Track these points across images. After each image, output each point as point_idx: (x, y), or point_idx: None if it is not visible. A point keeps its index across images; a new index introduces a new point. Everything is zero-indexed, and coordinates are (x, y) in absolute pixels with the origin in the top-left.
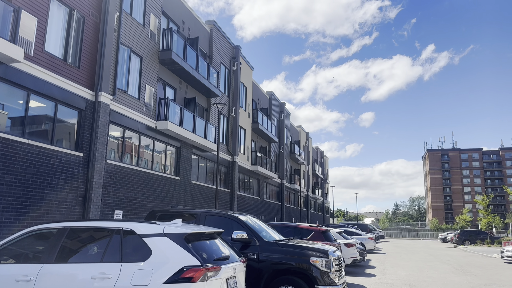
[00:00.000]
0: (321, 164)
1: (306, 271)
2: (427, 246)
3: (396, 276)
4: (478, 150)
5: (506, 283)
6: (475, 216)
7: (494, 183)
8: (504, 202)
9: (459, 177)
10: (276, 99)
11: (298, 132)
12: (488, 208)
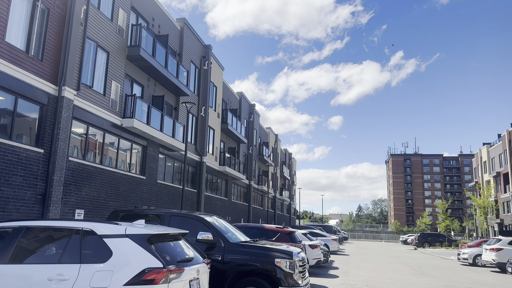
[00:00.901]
0: (289, 166)
1: (271, 273)
2: (388, 248)
3: (358, 277)
4: (439, 156)
5: (462, 284)
6: (435, 219)
7: (453, 188)
8: (462, 206)
9: (421, 181)
10: (246, 100)
11: (267, 134)
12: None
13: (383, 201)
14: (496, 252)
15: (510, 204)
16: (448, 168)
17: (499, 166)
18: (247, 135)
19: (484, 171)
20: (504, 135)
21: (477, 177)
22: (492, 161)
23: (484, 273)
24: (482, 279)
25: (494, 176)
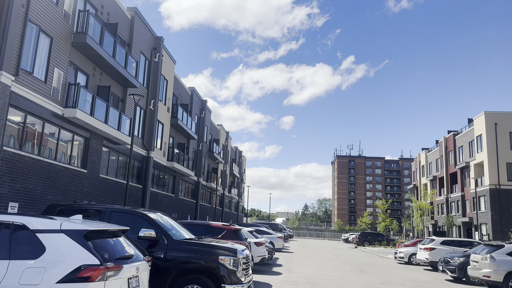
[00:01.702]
0: (239, 163)
1: (214, 270)
2: (331, 246)
3: (301, 274)
4: (381, 159)
5: (397, 282)
6: (375, 219)
7: (393, 190)
8: (401, 207)
9: (363, 182)
10: (198, 95)
11: (218, 131)
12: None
13: (328, 200)
14: (430, 251)
15: (444, 207)
16: (389, 171)
17: (435, 170)
18: (197, 131)
19: (422, 175)
20: (441, 141)
21: (415, 180)
22: (429, 165)
23: (418, 271)
24: (415, 276)
25: (431, 180)
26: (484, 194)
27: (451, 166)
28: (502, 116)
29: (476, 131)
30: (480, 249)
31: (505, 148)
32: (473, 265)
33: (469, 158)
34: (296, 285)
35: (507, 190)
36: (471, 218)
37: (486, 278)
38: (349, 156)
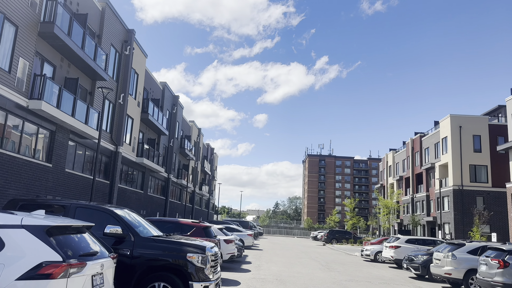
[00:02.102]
0: (211, 161)
1: (182, 267)
2: (300, 243)
3: (269, 271)
4: (350, 158)
5: (362, 279)
6: (343, 217)
7: (361, 189)
8: (368, 206)
9: (333, 181)
10: (170, 90)
11: (190, 127)
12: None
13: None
14: (395, 249)
15: (409, 206)
16: (358, 170)
17: (402, 170)
18: (168, 127)
19: (389, 175)
20: (408, 142)
21: (382, 180)
22: (396, 165)
23: (383, 268)
24: (381, 274)
25: (397, 180)
26: (448, 194)
27: (417, 167)
28: (467, 120)
29: (441, 133)
30: (442, 247)
31: (469, 150)
32: (435, 263)
33: (434, 159)
34: (265, 282)
35: (469, 191)
36: (435, 218)
37: (448, 275)
38: (320, 155)
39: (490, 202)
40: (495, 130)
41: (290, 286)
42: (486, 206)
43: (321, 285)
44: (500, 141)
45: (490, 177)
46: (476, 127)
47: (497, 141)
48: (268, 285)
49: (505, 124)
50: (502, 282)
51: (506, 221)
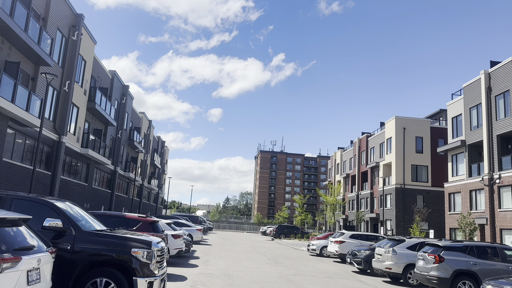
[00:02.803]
0: (161, 154)
1: (126, 263)
2: (249, 238)
3: (217, 266)
4: (301, 156)
5: (308, 273)
6: (292, 213)
7: (310, 186)
8: (316, 202)
9: (283, 177)
10: (119, 80)
11: (140, 119)
12: (303, 206)
13: (249, 194)
14: (339, 244)
15: (354, 203)
16: (308, 167)
17: (349, 168)
18: (117, 117)
19: (337, 172)
20: (355, 142)
21: (330, 177)
22: (344, 164)
23: (328, 263)
24: (325, 268)
25: (344, 177)
26: (391, 192)
27: (363, 165)
28: (410, 122)
29: (386, 134)
30: (384, 243)
31: (411, 151)
32: (377, 257)
33: (379, 158)
34: (212, 277)
35: (410, 190)
36: (378, 214)
37: (388, 270)
38: (272, 151)
39: (429, 200)
40: (436, 132)
41: (237, 280)
42: (425, 204)
43: (268, 279)
44: (440, 143)
45: (430, 177)
46: (418, 129)
47: (437, 143)
48: (215, 280)
49: (445, 127)
50: (437, 276)
51: (443, 219)
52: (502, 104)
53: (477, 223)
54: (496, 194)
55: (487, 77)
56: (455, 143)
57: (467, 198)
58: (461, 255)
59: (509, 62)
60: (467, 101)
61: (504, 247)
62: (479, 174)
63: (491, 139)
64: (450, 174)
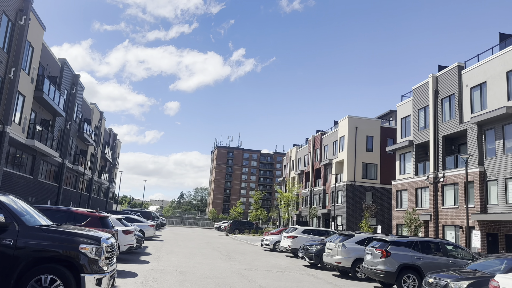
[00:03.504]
0: (113, 147)
1: (73, 259)
2: (203, 234)
3: (170, 262)
4: (257, 152)
5: (261, 267)
6: (247, 208)
7: (266, 182)
8: (271, 198)
9: (239, 173)
10: (69, 68)
11: (91, 110)
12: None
13: (205, 189)
14: (292, 239)
15: (308, 199)
16: (263, 163)
17: (303, 165)
18: (66, 108)
19: (292, 169)
20: (310, 139)
21: (285, 173)
22: (299, 160)
23: (280, 257)
24: (278, 262)
25: (299, 174)
26: (342, 189)
27: (317, 162)
28: (362, 121)
29: (340, 133)
30: (334, 238)
31: (362, 149)
32: (328, 252)
33: (332, 156)
34: (164, 273)
35: (361, 187)
36: (329, 210)
37: (338, 264)
38: (228, 147)
39: (378, 197)
40: (386, 132)
41: (190, 276)
42: (374, 200)
43: (221, 274)
44: (390, 143)
45: (379, 175)
46: (370, 128)
47: (387, 142)
48: (167, 276)
49: (394, 127)
50: (383, 270)
51: (390, 215)
52: (448, 107)
53: (421, 220)
54: (440, 192)
55: (434, 81)
56: (403, 143)
57: (413, 196)
58: (406, 250)
59: (454, 67)
60: (416, 103)
61: (446, 242)
62: (424, 173)
63: (436, 139)
64: (397, 172)
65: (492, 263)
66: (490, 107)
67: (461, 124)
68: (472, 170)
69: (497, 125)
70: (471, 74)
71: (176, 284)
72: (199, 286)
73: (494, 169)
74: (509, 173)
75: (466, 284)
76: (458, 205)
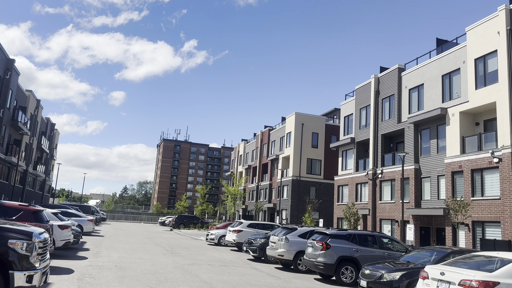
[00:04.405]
0: (50, 137)
1: (2, 255)
2: (146, 229)
3: (109, 258)
4: (205, 146)
5: (205, 262)
6: (194, 203)
7: (213, 176)
8: (218, 193)
9: (186, 167)
10: (3, 52)
11: (27, 97)
12: (205, 196)
13: (149, 183)
14: (237, 233)
15: (254, 193)
16: (211, 158)
17: (251, 160)
18: None
19: (240, 164)
20: (258, 134)
21: (233, 168)
22: (246, 155)
23: (225, 251)
24: (222, 257)
25: (246, 169)
26: (288, 183)
27: (264, 158)
28: (308, 118)
29: (287, 129)
30: (278, 231)
31: (308, 145)
32: (271, 245)
33: (279, 151)
34: (102, 270)
35: (305, 182)
36: (275, 204)
37: (280, 256)
38: (175, 140)
39: (321, 192)
40: (330, 129)
41: (130, 272)
42: (318, 195)
43: (163, 270)
44: (333, 140)
45: (322, 170)
46: (315, 125)
47: (331, 139)
48: (106, 273)
49: (338, 125)
50: (323, 262)
51: (332, 209)
52: (388, 107)
53: (360, 214)
54: (378, 187)
55: (376, 81)
56: (345, 140)
57: (353, 191)
58: (345, 242)
59: (395, 69)
60: (358, 102)
61: (382, 235)
62: (364, 169)
63: (376, 137)
64: (340, 168)
65: (423, 255)
66: (426, 108)
67: (399, 124)
68: (408, 167)
69: (432, 125)
70: (410, 76)
71: (115, 280)
72: (139, 282)
73: (428, 167)
74: (441, 170)
75: (399, 275)
76: (394, 200)
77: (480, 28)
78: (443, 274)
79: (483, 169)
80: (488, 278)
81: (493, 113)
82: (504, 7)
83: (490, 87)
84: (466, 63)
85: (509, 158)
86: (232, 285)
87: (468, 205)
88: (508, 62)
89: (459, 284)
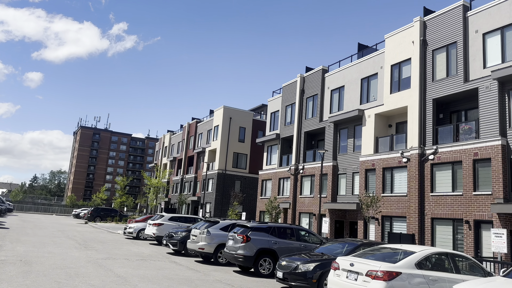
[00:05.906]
0: None
1: None
2: (58, 222)
3: (13, 252)
4: (127, 135)
5: (121, 256)
6: (112, 195)
7: (135, 167)
8: (140, 185)
9: (106, 157)
10: None
11: None
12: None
13: (63, 173)
14: (157, 227)
15: (179, 186)
16: (134, 148)
17: (176, 152)
18: None
19: (164, 155)
20: (185, 126)
21: (157, 159)
22: (172, 147)
23: (143, 245)
24: (140, 251)
25: (171, 161)
26: (213, 177)
27: (190, 150)
28: (237, 112)
29: (215, 122)
30: (200, 224)
31: (235, 139)
32: (192, 238)
33: (206, 144)
34: (5, 264)
35: (230, 175)
36: (199, 197)
37: (201, 250)
38: (94, 128)
39: (246, 186)
40: (257, 124)
41: (37, 267)
42: (242, 189)
43: (74, 264)
44: (260, 135)
45: (248, 165)
46: (243, 120)
47: (257, 134)
48: (9, 267)
49: (265, 120)
50: (243, 255)
51: (255, 203)
52: (311, 106)
53: (282, 207)
54: (299, 182)
55: (302, 81)
56: (271, 136)
57: (276, 185)
58: (264, 235)
59: (319, 70)
60: (284, 99)
61: (300, 228)
62: (287, 165)
63: (300, 135)
64: (264, 163)
65: (336, 247)
66: (345, 108)
67: (321, 122)
68: (327, 164)
69: (350, 125)
70: (332, 78)
71: (18, 276)
72: (47, 278)
73: (345, 164)
74: (356, 168)
75: (313, 266)
76: (313, 195)
77: (397, 37)
78: (352, 265)
79: (393, 168)
80: (392, 268)
81: (404, 116)
82: (419, 19)
83: (403, 92)
84: (383, 69)
85: (416, 159)
86: (149, 280)
87: (379, 201)
88: (420, 70)
89: (366, 275)
